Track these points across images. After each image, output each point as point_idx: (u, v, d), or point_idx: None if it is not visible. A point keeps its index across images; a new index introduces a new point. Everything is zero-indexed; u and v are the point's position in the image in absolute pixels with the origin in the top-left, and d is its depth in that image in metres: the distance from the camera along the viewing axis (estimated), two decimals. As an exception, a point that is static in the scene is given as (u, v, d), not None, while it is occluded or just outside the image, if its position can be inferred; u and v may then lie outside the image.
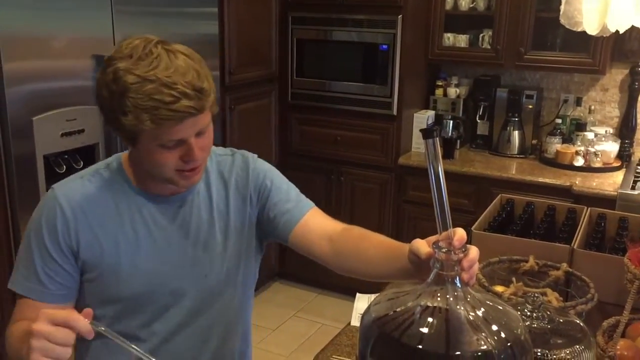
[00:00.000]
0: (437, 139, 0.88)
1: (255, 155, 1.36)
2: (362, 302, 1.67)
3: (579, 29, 1.86)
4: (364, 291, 1.72)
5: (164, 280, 1.22)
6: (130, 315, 1.22)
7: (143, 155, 1.13)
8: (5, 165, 2.02)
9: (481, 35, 3.34)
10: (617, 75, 3.30)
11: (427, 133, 0.87)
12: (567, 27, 1.89)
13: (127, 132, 1.08)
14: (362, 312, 0.92)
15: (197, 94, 1.05)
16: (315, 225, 1.27)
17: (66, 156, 2.21)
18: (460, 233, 0.89)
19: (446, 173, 0.90)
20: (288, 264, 3.71)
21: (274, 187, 1.30)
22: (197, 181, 1.20)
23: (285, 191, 1.31)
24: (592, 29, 1.80)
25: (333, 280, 1.67)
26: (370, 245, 1.20)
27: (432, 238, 0.96)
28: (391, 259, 1.13)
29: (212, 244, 1.26)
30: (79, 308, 1.15)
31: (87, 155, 2.27)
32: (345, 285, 3.04)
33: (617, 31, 1.98)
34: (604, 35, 1.99)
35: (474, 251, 0.93)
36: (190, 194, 1.26)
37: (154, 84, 1.02)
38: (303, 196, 1.33)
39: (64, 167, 2.19)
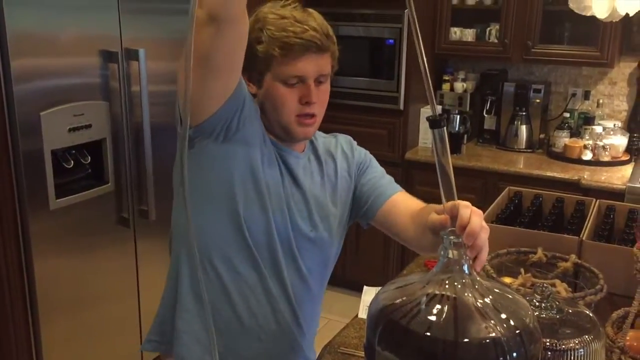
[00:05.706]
0: (445, 128, 0.88)
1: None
2: (369, 295, 1.68)
3: (589, 14, 1.84)
4: (371, 284, 1.72)
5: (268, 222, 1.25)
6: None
7: (266, 98, 1.22)
8: (14, 160, 2.03)
9: (488, 29, 3.33)
10: (625, 69, 3.28)
11: (434, 123, 0.87)
12: (576, 11, 1.87)
13: (257, 65, 1.19)
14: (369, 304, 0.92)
15: (323, 33, 1.21)
16: (402, 204, 1.34)
17: (74, 151, 2.22)
18: (472, 227, 0.89)
19: (453, 168, 0.89)
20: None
21: (372, 166, 1.42)
22: (312, 134, 1.28)
23: (380, 172, 1.42)
24: (601, 13, 1.79)
25: (340, 275, 1.67)
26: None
27: (439, 207, 0.99)
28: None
29: (322, 203, 1.33)
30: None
31: (95, 151, 2.28)
32: (352, 280, 3.04)
33: (626, 17, 1.96)
34: (613, 20, 1.97)
35: (483, 233, 0.93)
36: (305, 157, 1.33)
37: (288, 20, 1.19)
38: (394, 181, 1.42)
39: (72, 162, 2.20)
